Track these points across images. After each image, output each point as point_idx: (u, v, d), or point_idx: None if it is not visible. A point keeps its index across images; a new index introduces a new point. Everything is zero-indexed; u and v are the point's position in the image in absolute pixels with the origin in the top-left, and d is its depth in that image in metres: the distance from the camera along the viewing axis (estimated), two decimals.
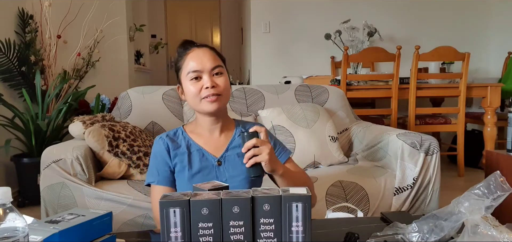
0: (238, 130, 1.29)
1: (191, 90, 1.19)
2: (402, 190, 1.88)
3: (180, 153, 1.23)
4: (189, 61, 1.20)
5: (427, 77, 3.46)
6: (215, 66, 1.19)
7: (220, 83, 1.19)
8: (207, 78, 1.17)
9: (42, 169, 1.75)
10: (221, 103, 1.20)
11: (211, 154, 1.23)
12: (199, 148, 1.24)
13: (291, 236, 0.77)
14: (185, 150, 1.23)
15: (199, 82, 1.18)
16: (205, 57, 1.19)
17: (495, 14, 4.59)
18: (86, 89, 3.26)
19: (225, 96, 1.21)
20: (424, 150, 1.90)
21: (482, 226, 0.75)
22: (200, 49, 1.22)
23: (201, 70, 1.18)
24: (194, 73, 1.18)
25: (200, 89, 1.18)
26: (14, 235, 0.62)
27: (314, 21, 4.46)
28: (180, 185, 1.22)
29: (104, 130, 1.86)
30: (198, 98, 1.18)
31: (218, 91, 1.18)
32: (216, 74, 1.19)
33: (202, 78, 1.18)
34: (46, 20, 3.27)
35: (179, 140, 1.26)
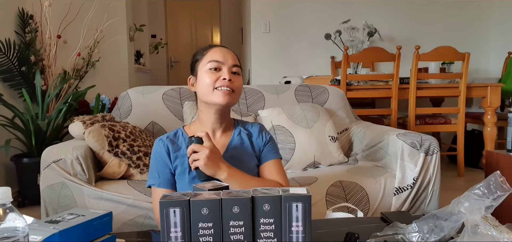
0: (237, 130, 1.31)
1: (206, 79, 1.21)
2: (402, 190, 1.88)
3: (181, 155, 1.23)
4: (212, 53, 1.23)
5: (427, 77, 3.46)
6: (235, 64, 1.24)
7: (236, 81, 1.23)
8: (226, 71, 1.21)
9: (42, 169, 1.75)
10: (232, 100, 1.22)
11: None
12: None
13: (291, 236, 0.77)
14: (185, 152, 1.22)
15: (217, 73, 1.21)
16: (229, 54, 1.24)
17: (495, 14, 4.59)
18: (86, 89, 3.26)
19: (237, 95, 1.24)
20: (424, 150, 1.90)
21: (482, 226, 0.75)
22: (224, 48, 1.27)
23: (223, 62, 1.22)
24: (215, 63, 1.21)
25: (216, 79, 1.20)
26: (14, 235, 0.62)
27: (314, 21, 4.46)
28: (181, 187, 1.22)
29: (104, 130, 1.86)
30: (211, 87, 1.20)
31: (233, 86, 1.21)
32: (234, 73, 1.23)
33: (221, 70, 1.21)
34: (46, 20, 3.27)
35: (179, 142, 1.26)
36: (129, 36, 3.88)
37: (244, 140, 1.29)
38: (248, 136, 1.31)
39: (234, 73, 1.22)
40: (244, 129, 1.32)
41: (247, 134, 1.31)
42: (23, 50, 3.19)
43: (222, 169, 1.12)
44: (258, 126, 1.35)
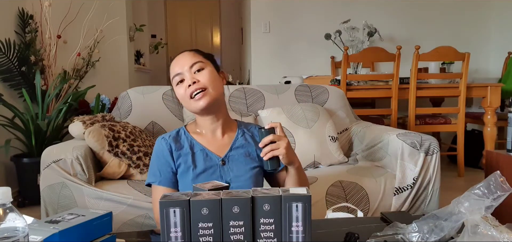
0: (240, 130, 1.29)
1: (179, 93, 1.21)
2: (402, 190, 1.88)
3: (184, 154, 1.22)
4: (172, 68, 1.23)
5: (427, 77, 3.46)
6: (193, 63, 1.20)
7: (201, 78, 1.19)
8: (188, 75, 1.18)
9: (42, 169, 1.75)
10: (210, 98, 1.18)
11: (214, 154, 1.23)
12: (202, 147, 1.23)
13: (291, 236, 0.77)
14: (189, 150, 1.22)
15: (183, 84, 1.20)
16: (184, 58, 1.22)
17: (495, 14, 4.59)
18: (86, 89, 3.26)
19: (213, 90, 1.19)
20: (424, 150, 1.90)
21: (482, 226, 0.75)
22: (180, 54, 1.24)
23: (181, 71, 1.20)
24: (177, 76, 1.20)
25: (184, 91, 1.19)
26: (14, 235, 0.62)
27: (314, 21, 4.46)
28: (184, 185, 1.21)
29: (104, 130, 1.86)
30: (186, 100, 1.20)
31: (200, 85, 1.18)
32: (197, 71, 1.20)
33: (184, 79, 1.19)
34: (46, 20, 3.27)
35: (182, 141, 1.25)
36: (129, 36, 3.88)
37: (248, 141, 1.28)
38: (253, 139, 1.29)
39: (197, 71, 1.19)
40: (248, 131, 1.30)
41: (251, 136, 1.29)
42: (23, 50, 3.19)
43: (296, 157, 1.18)
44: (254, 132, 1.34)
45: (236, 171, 1.21)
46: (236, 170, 1.22)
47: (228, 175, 1.21)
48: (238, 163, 1.23)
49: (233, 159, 1.23)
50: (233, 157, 1.23)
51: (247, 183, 1.21)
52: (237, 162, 1.23)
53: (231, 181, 1.20)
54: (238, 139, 1.27)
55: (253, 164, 1.25)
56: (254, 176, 1.24)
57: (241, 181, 1.20)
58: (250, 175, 1.22)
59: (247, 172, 1.22)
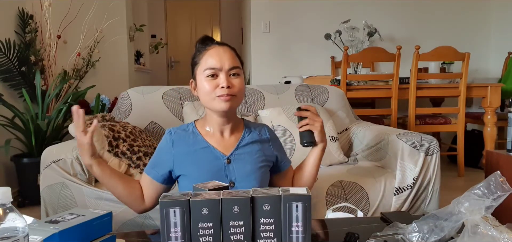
0: (247, 130, 1.29)
1: (206, 87, 1.18)
2: (402, 190, 1.88)
3: (189, 151, 1.22)
4: (208, 57, 1.19)
5: (427, 77, 3.46)
6: (233, 66, 1.19)
7: (236, 84, 1.19)
8: (224, 77, 1.17)
9: (42, 169, 1.75)
10: (234, 104, 1.19)
11: (220, 152, 1.23)
12: (208, 145, 1.23)
13: (291, 236, 0.77)
14: (194, 147, 1.23)
15: (215, 80, 1.18)
16: (225, 55, 1.19)
17: (495, 14, 4.59)
18: (86, 89, 3.26)
19: (239, 98, 1.21)
20: (424, 150, 1.90)
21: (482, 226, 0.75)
22: (221, 47, 1.21)
23: (219, 68, 1.17)
24: (211, 70, 1.18)
25: (215, 87, 1.17)
26: (14, 235, 0.62)
27: (314, 21, 4.46)
28: (188, 183, 1.20)
29: (104, 130, 1.86)
30: (211, 96, 1.18)
31: (233, 91, 1.17)
32: (233, 75, 1.19)
33: (218, 76, 1.17)
34: (46, 20, 3.27)
35: (188, 136, 1.25)
36: (129, 36, 3.88)
37: (254, 142, 1.28)
38: (259, 140, 1.29)
39: (233, 75, 1.19)
40: (255, 130, 1.31)
41: (258, 137, 1.29)
42: (23, 50, 3.19)
43: (326, 139, 1.29)
44: (268, 133, 1.33)
45: (242, 170, 1.21)
46: (242, 169, 1.22)
47: (233, 174, 1.21)
48: (244, 162, 1.22)
49: (239, 158, 1.23)
50: (239, 156, 1.23)
51: (252, 183, 1.21)
52: (243, 161, 1.22)
53: (236, 180, 1.20)
54: (244, 138, 1.27)
55: (259, 164, 1.25)
56: (260, 176, 1.24)
57: (246, 180, 1.21)
58: (256, 175, 1.22)
59: (252, 171, 1.22)
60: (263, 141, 1.30)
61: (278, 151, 1.32)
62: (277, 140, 1.36)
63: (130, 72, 3.87)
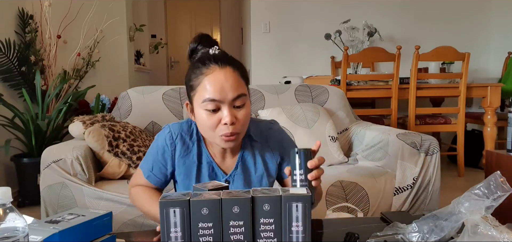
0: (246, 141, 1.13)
1: (205, 121, 1.01)
2: (402, 190, 1.88)
3: (189, 162, 1.11)
4: (207, 85, 0.99)
5: (427, 77, 3.46)
6: (238, 95, 0.99)
7: (240, 118, 1.01)
8: (227, 112, 0.98)
9: (42, 169, 1.75)
10: (238, 141, 1.06)
11: (221, 171, 1.12)
12: (210, 160, 1.11)
13: (291, 236, 0.77)
14: (195, 159, 1.11)
15: (216, 115, 1.00)
16: (228, 83, 0.98)
17: (495, 14, 4.59)
18: (86, 89, 3.26)
19: (243, 132, 1.05)
20: (424, 150, 1.90)
21: (482, 226, 0.75)
22: (222, 71, 0.99)
23: (221, 100, 0.98)
24: (211, 104, 0.99)
25: (216, 124, 1.00)
26: (14, 235, 0.62)
27: (314, 21, 4.46)
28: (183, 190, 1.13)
29: (104, 130, 1.86)
30: (213, 132, 1.02)
31: (237, 129, 1.01)
32: (237, 107, 1.01)
33: (220, 110, 1.00)
34: (46, 20, 3.27)
35: (190, 144, 1.11)
36: (129, 36, 3.88)
37: (256, 157, 1.14)
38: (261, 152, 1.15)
39: (237, 107, 1.01)
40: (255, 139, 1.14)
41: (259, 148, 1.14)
42: (23, 50, 3.19)
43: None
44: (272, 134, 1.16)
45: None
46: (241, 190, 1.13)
47: None
48: (243, 182, 1.12)
49: (238, 179, 1.12)
50: (238, 177, 1.12)
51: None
52: (243, 181, 1.12)
53: None
54: (244, 151, 1.13)
55: (261, 180, 1.14)
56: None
57: None
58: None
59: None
60: (265, 151, 1.15)
61: (281, 156, 1.16)
62: (283, 140, 1.18)
63: (130, 72, 3.87)
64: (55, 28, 3.34)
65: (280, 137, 1.18)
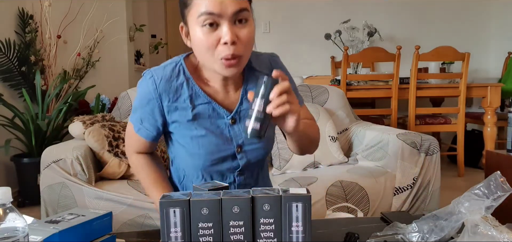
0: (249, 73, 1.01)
1: (202, 41, 0.87)
2: (402, 190, 1.88)
3: (181, 107, 0.96)
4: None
5: (427, 77, 3.47)
6: (239, 9, 0.86)
7: (243, 37, 0.88)
8: (227, 28, 0.85)
9: (42, 169, 1.75)
10: (241, 66, 0.91)
11: (224, 109, 0.98)
12: (208, 100, 0.97)
13: (291, 236, 0.77)
14: (188, 103, 0.96)
15: (215, 32, 0.86)
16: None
17: (495, 14, 4.59)
18: (86, 89, 3.26)
19: (247, 55, 0.92)
20: (424, 150, 1.90)
21: (482, 226, 0.75)
22: None
23: (220, 14, 0.85)
24: (208, 17, 0.85)
25: (215, 43, 0.87)
26: (14, 235, 0.62)
27: (314, 21, 4.46)
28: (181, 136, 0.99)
29: (104, 130, 1.86)
30: (211, 55, 0.88)
31: (239, 50, 0.87)
32: (239, 22, 0.87)
33: (219, 26, 0.86)
34: (46, 20, 3.27)
35: (179, 86, 0.96)
36: (129, 36, 3.88)
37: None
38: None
39: (239, 22, 0.87)
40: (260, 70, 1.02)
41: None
42: (23, 50, 3.19)
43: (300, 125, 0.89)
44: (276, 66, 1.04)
45: None
46: None
47: (240, 136, 0.99)
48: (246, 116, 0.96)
49: (245, 115, 0.96)
50: (245, 112, 0.98)
51: (263, 144, 1.00)
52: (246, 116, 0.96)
53: (243, 143, 1.00)
54: (248, 84, 1.00)
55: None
56: (272, 132, 1.04)
57: (256, 142, 0.99)
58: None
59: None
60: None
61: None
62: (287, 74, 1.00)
63: (130, 72, 3.87)
64: (55, 28, 3.34)
65: (286, 71, 1.05)
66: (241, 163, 1.03)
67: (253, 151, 1.01)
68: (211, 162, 1.01)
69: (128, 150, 1.12)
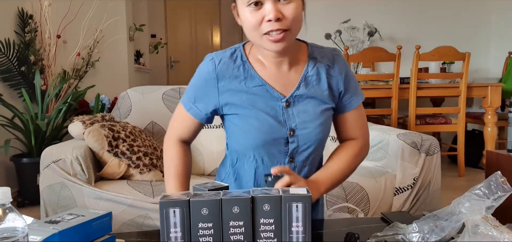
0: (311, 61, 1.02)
1: (249, 19, 0.91)
2: (402, 190, 1.88)
3: (236, 89, 0.99)
4: None
5: (427, 77, 3.46)
6: None
7: (287, 14, 0.90)
8: (271, 6, 0.88)
9: (41, 169, 1.75)
10: (290, 41, 0.94)
11: (278, 92, 0.99)
12: (262, 82, 0.99)
13: (291, 236, 0.77)
14: (243, 85, 0.99)
15: (260, 11, 0.90)
16: None
17: (495, 14, 4.59)
18: (86, 89, 3.26)
19: (295, 31, 0.94)
20: (425, 150, 1.90)
21: (483, 226, 0.75)
22: None
23: None
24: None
25: (260, 20, 0.90)
26: (13, 235, 0.62)
27: (314, 21, 4.45)
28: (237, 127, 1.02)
29: (104, 130, 1.85)
30: (257, 33, 0.92)
31: (284, 25, 0.90)
32: (282, 2, 0.90)
33: (263, 5, 0.89)
34: (46, 20, 3.27)
35: (235, 69, 1.00)
36: (129, 36, 3.88)
37: (321, 76, 1.02)
38: (327, 73, 1.02)
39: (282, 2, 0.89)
40: (321, 61, 1.03)
41: (326, 68, 1.03)
42: (23, 50, 3.19)
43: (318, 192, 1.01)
44: (339, 60, 1.05)
45: (304, 116, 0.99)
46: (304, 114, 1.00)
47: (293, 120, 1.00)
48: (307, 104, 1.00)
49: (300, 100, 1.00)
50: (300, 98, 1.00)
51: (316, 131, 1.00)
52: (306, 104, 1.00)
53: (296, 127, 1.00)
54: (308, 72, 1.01)
55: (324, 105, 1.02)
56: (325, 122, 1.02)
57: (309, 127, 1.00)
58: (321, 121, 1.00)
59: (317, 116, 1.00)
60: (331, 74, 1.03)
61: (344, 85, 1.04)
62: (348, 70, 1.06)
63: (130, 72, 3.87)
64: (54, 28, 3.33)
65: (346, 67, 1.07)
66: (290, 147, 1.02)
67: (305, 136, 1.01)
68: (264, 142, 1.00)
69: (169, 134, 1.10)
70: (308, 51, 1.03)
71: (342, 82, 1.04)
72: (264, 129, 0.99)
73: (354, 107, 1.07)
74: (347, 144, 1.12)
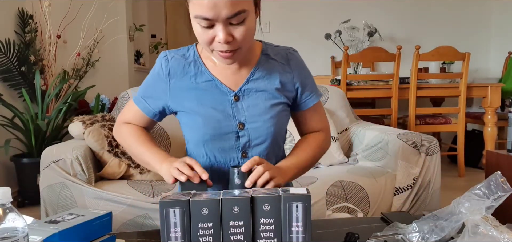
0: (263, 57, 1.04)
1: (200, 33, 0.91)
2: (402, 190, 1.88)
3: (186, 85, 1.01)
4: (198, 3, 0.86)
5: (427, 77, 3.46)
6: (234, 14, 0.86)
7: (238, 35, 0.89)
8: (222, 28, 0.87)
9: (41, 169, 1.75)
10: (240, 56, 0.95)
11: (227, 87, 1.00)
12: (212, 78, 1.01)
13: (291, 236, 0.77)
14: (193, 81, 1.00)
15: (210, 31, 0.89)
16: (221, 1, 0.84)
17: (495, 14, 4.59)
18: (86, 89, 3.26)
19: (246, 46, 0.94)
20: (425, 150, 1.90)
21: (483, 226, 0.75)
22: None
23: (214, 18, 0.86)
24: (203, 21, 0.87)
25: (211, 39, 0.90)
26: (13, 235, 0.62)
27: (314, 21, 4.46)
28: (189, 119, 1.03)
29: (104, 130, 1.86)
30: (208, 48, 0.93)
31: (235, 46, 0.90)
32: (233, 24, 0.88)
33: (214, 27, 0.88)
34: (46, 20, 3.27)
35: (186, 65, 1.02)
36: (129, 36, 3.88)
37: (272, 71, 1.03)
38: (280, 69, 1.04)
39: (234, 24, 0.88)
40: (274, 57, 1.05)
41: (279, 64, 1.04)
42: (23, 50, 3.19)
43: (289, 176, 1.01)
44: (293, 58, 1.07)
45: (253, 109, 1.00)
46: (254, 108, 1.00)
47: (243, 113, 1.00)
48: (257, 99, 1.01)
49: (249, 94, 1.01)
50: (249, 92, 1.01)
51: (266, 125, 1.00)
52: (256, 98, 1.01)
53: (246, 121, 1.00)
54: (258, 68, 1.02)
55: (275, 100, 1.02)
56: (276, 116, 1.02)
57: (259, 121, 1.00)
58: (271, 115, 1.01)
59: (266, 110, 1.00)
60: (284, 71, 1.04)
61: (300, 83, 1.06)
62: (303, 68, 1.08)
63: (130, 72, 3.87)
64: (54, 28, 3.33)
65: (302, 65, 1.09)
66: (242, 141, 1.02)
67: (256, 129, 1.01)
68: (211, 136, 1.01)
69: (119, 119, 1.13)
70: (262, 48, 1.05)
71: (298, 79, 1.06)
72: (211, 124, 0.99)
73: (312, 105, 1.09)
74: (310, 136, 1.14)
